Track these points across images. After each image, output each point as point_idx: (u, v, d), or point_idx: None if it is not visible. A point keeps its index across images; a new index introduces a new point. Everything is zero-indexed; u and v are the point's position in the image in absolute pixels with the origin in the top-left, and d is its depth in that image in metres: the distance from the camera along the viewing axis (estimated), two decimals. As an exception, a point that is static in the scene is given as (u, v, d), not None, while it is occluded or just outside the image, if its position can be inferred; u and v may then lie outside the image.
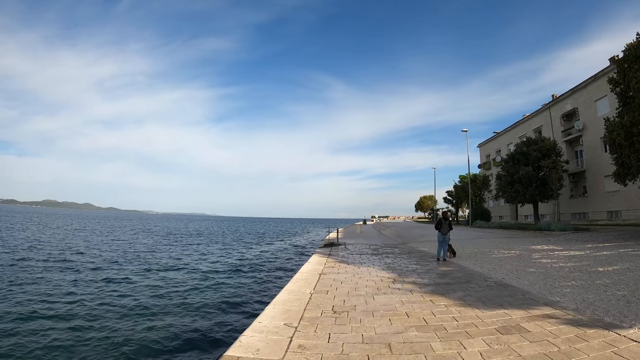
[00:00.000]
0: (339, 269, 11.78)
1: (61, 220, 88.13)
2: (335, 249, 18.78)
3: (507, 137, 57.37)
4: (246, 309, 12.83)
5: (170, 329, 10.49)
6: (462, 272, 11.40)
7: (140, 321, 11.18)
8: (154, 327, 10.62)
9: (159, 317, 11.69)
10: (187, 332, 10.32)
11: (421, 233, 33.59)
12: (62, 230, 51.04)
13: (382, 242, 24.05)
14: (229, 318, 11.78)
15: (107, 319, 11.42)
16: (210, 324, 11.10)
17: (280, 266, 22.82)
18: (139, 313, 12.02)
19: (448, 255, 14.63)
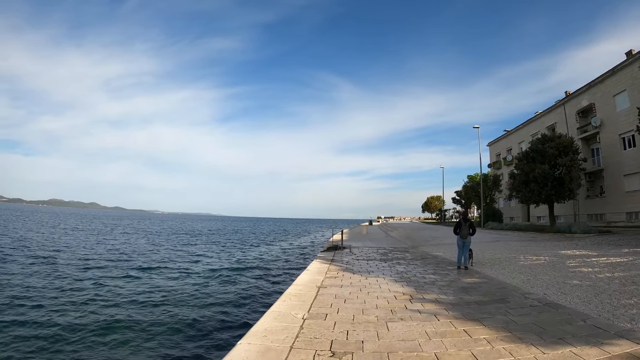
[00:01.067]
0: (342, 280, 9.82)
1: (67, 220, 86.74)
2: (340, 254, 16.83)
3: (518, 135, 55.20)
4: (219, 337, 9.84)
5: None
6: (492, 284, 9.40)
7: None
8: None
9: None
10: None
11: (432, 235, 31.51)
12: (59, 230, 49.39)
13: (391, 245, 22.07)
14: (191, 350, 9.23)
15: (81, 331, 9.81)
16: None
17: (276, 273, 20.47)
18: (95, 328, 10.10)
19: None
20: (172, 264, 22.76)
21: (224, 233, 64.97)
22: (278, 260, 25.97)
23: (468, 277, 10.59)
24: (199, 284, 16.60)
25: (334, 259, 14.83)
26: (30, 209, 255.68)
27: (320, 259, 14.55)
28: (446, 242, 23.13)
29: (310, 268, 11.94)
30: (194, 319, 11.23)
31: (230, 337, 9.46)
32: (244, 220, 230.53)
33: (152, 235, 49.01)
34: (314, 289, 8.62)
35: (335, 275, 10.57)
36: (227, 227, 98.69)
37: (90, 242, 34.67)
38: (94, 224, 72.86)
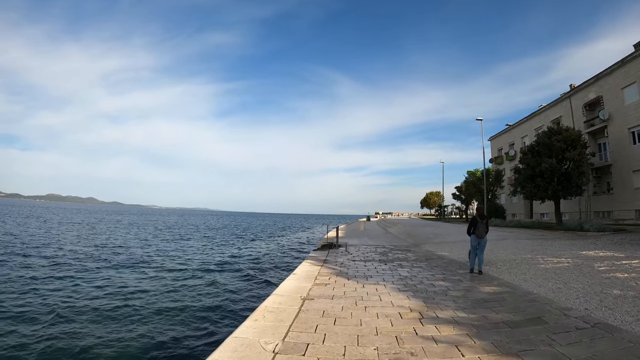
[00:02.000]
0: (334, 289, 8.07)
1: (62, 214, 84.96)
2: (334, 253, 15.08)
3: (521, 130, 53.50)
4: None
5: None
6: (517, 295, 7.66)
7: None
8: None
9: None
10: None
11: (434, 232, 29.74)
12: (54, 224, 47.64)
13: (391, 243, 20.35)
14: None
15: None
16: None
17: (259, 274, 17.99)
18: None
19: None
20: (148, 260, 21.20)
21: (218, 228, 63.34)
22: (266, 259, 23.86)
23: (485, 284, 8.84)
24: (163, 287, 14.54)
25: (327, 259, 13.08)
26: (28, 204, 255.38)
27: (311, 260, 12.77)
28: (450, 240, 21.46)
29: (297, 272, 10.16)
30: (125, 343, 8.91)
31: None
32: (242, 216, 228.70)
33: (137, 230, 47.34)
34: (297, 301, 6.87)
35: (326, 282, 8.81)
36: (223, 222, 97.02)
37: (68, 237, 32.89)
38: (83, 218, 71.11)
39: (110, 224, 59.87)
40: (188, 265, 20.04)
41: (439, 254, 15.35)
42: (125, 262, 20.35)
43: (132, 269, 18.29)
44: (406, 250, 16.56)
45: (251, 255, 25.65)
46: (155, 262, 20.86)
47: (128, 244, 29.55)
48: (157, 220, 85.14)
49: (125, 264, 19.62)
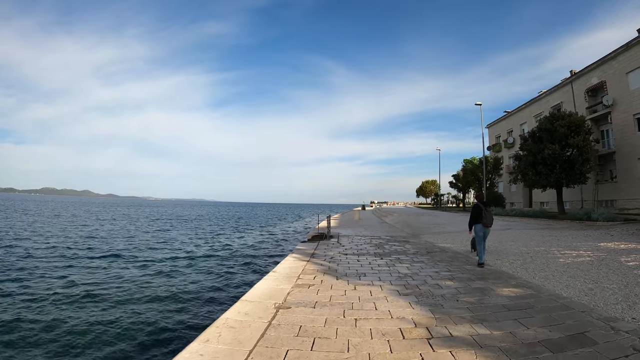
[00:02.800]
0: (318, 292, 6.56)
1: (58, 208, 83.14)
2: (324, 245, 13.60)
3: (520, 117, 51.99)
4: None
5: None
6: (545, 299, 6.18)
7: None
8: None
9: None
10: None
11: (433, 221, 28.28)
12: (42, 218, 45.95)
13: (387, 234, 18.91)
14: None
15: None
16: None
17: (236, 270, 15.87)
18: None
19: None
20: (123, 251, 19.85)
21: (209, 219, 61.77)
22: (251, 251, 22.09)
23: (501, 284, 7.34)
24: (110, 285, 12.48)
25: (316, 253, 11.58)
26: (22, 198, 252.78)
27: (296, 254, 11.25)
28: (450, 230, 20.06)
29: (278, 269, 8.64)
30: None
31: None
32: (237, 206, 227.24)
33: (122, 222, 45.64)
34: (268, 311, 5.36)
35: (309, 282, 7.30)
36: (216, 212, 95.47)
37: (55, 229, 31.32)
38: (75, 211, 69.41)
39: (93, 215, 58.21)
40: (158, 259, 18.29)
41: (440, 245, 13.89)
42: (87, 254, 19.06)
43: (90, 262, 17.02)
44: (404, 242, 15.10)
45: (235, 247, 23.88)
46: (123, 254, 19.38)
47: (99, 236, 28.11)
48: (143, 212, 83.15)
49: (87, 256, 18.40)
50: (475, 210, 9.85)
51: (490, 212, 9.79)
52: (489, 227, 9.71)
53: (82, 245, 22.28)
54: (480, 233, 9.70)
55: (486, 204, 9.90)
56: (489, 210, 9.78)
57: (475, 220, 9.71)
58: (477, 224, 9.70)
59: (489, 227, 9.69)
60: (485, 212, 9.63)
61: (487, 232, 9.78)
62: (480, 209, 9.67)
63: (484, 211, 9.62)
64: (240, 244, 25.01)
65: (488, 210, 9.75)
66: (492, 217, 9.77)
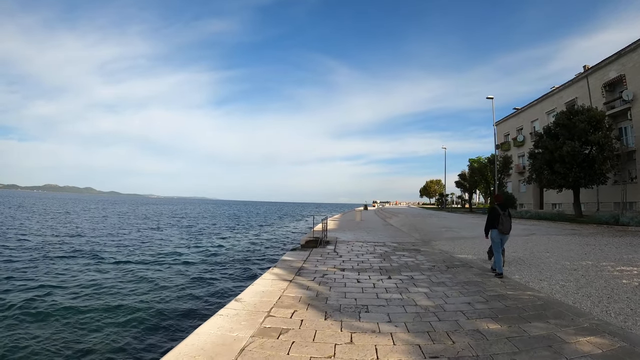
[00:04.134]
0: (291, 346, 4.04)
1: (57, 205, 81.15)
2: (317, 255, 11.10)
3: (531, 113, 49.51)
4: None
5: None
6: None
7: None
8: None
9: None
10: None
11: (443, 224, 25.58)
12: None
13: (393, 239, 16.40)
14: None
15: None
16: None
17: (212, 286, 12.58)
18: None
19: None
20: (87, 250, 18.09)
21: (205, 217, 59.95)
22: (230, 257, 19.06)
23: (571, 329, 4.75)
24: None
25: (304, 267, 9.08)
26: (25, 194, 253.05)
27: (279, 269, 8.70)
28: (465, 235, 17.55)
29: (245, 295, 6.08)
30: None
31: None
32: (238, 204, 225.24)
33: (112, 219, 43.40)
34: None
35: (282, 326, 4.76)
36: (215, 211, 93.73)
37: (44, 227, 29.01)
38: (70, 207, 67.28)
39: (87, 212, 56.01)
40: (122, 261, 16.53)
41: (460, 257, 11.36)
42: (58, 252, 17.90)
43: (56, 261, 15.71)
44: (415, 251, 12.57)
45: (217, 251, 21.26)
46: (99, 253, 17.75)
47: (75, 234, 26.44)
48: (140, 210, 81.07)
49: (58, 254, 17.13)
50: (492, 213, 8.91)
51: (508, 217, 8.71)
52: (507, 234, 8.72)
53: (54, 244, 20.70)
54: (496, 240, 8.72)
55: (505, 207, 8.83)
56: (508, 215, 8.70)
57: (492, 225, 8.80)
58: (493, 230, 8.78)
59: (506, 234, 8.71)
60: (502, 218, 8.63)
61: (504, 239, 8.83)
62: (498, 213, 8.69)
63: (502, 216, 8.62)
64: (224, 248, 22.32)
65: (506, 214, 8.68)
66: (510, 223, 8.73)
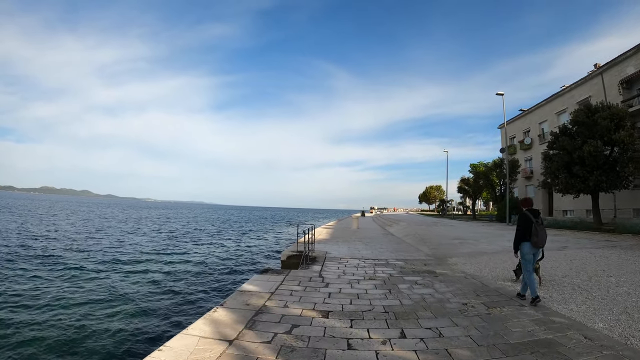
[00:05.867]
0: None
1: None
2: (295, 281, 7.88)
3: (538, 115, 46.45)
4: None
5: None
6: None
7: None
8: None
9: None
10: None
11: (453, 233, 21.94)
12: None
13: (398, 255, 13.17)
14: None
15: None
16: None
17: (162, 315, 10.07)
18: None
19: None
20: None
21: (195, 222, 57.57)
22: (183, 279, 15.01)
23: None
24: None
25: (266, 308, 5.82)
26: (21, 196, 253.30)
27: (224, 313, 5.46)
28: (484, 249, 14.33)
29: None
30: None
31: None
32: (235, 209, 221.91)
33: (93, 222, 40.02)
34: None
35: None
36: (208, 215, 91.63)
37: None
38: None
39: (73, 215, 52.77)
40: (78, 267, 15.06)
41: (494, 284, 8.15)
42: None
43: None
44: (429, 274, 9.33)
45: (179, 267, 18.04)
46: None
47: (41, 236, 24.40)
48: (130, 213, 78.15)
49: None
50: (523, 222, 6.86)
51: (543, 225, 6.82)
52: (541, 247, 6.90)
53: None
54: (529, 256, 6.76)
55: (537, 213, 6.88)
56: (541, 224, 6.78)
57: (523, 237, 6.79)
58: (524, 243, 6.78)
59: (541, 247, 6.87)
60: (536, 227, 6.68)
61: (537, 254, 7.03)
62: (530, 221, 6.72)
63: (535, 225, 6.67)
64: (185, 263, 19.00)
65: (539, 223, 6.74)
66: (545, 234, 6.80)
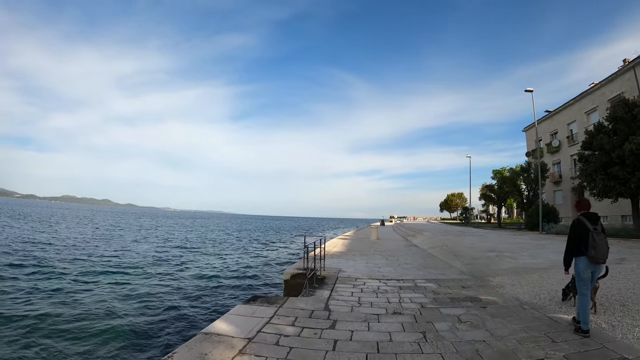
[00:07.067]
0: None
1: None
2: (290, 317, 5.73)
3: (566, 115, 43.61)
4: None
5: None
6: None
7: None
8: None
9: None
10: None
11: (485, 245, 18.77)
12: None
13: (427, 273, 10.85)
14: None
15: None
16: None
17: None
18: None
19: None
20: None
21: (207, 231, 57.17)
22: (183, 294, 13.75)
23: None
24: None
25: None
26: (43, 205, 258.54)
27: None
28: (527, 263, 11.89)
29: None
30: None
31: None
32: (252, 219, 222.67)
33: (102, 230, 38.73)
34: None
35: None
36: (222, 225, 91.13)
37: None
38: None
39: (88, 224, 51.80)
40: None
41: (558, 316, 5.89)
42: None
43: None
44: (472, 302, 7.04)
45: (194, 272, 17.43)
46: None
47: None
48: (143, 222, 77.21)
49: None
50: (577, 230, 5.15)
51: (604, 234, 5.07)
52: (602, 263, 5.12)
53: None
54: (585, 274, 5.05)
55: (595, 219, 5.15)
56: (602, 231, 5.07)
57: (577, 250, 5.09)
58: (579, 258, 5.08)
59: (601, 263, 5.08)
60: (594, 237, 4.93)
61: (597, 271, 5.19)
62: (586, 229, 5.00)
63: (592, 234, 4.94)
64: (182, 274, 17.65)
65: (599, 231, 5.01)
66: (607, 246, 5.03)
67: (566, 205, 41.33)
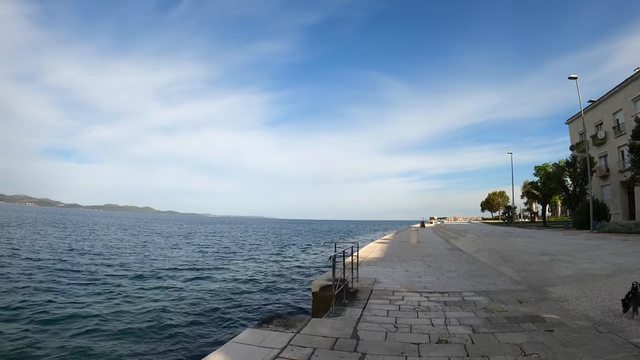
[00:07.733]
0: None
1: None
2: (307, 347, 4.77)
3: (611, 104, 39.99)
4: None
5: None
6: None
7: None
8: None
9: None
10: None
11: (534, 247, 16.34)
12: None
13: (475, 283, 9.53)
14: None
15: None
16: None
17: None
18: None
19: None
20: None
21: (243, 235, 58.71)
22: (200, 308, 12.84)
23: None
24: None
25: None
26: (87, 213, 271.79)
27: None
28: (589, 269, 10.32)
29: None
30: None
31: None
32: (291, 223, 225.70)
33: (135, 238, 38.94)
34: None
35: None
36: (260, 229, 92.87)
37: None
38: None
39: (121, 230, 52.83)
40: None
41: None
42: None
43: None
44: (534, 323, 5.79)
45: (219, 279, 17.42)
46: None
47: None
48: (182, 228, 78.22)
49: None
50: None
51: None
52: None
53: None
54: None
55: None
56: None
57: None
58: None
59: None
60: None
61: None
62: None
63: None
64: (202, 284, 17.06)
65: None
66: None
67: (615, 201, 38.50)
